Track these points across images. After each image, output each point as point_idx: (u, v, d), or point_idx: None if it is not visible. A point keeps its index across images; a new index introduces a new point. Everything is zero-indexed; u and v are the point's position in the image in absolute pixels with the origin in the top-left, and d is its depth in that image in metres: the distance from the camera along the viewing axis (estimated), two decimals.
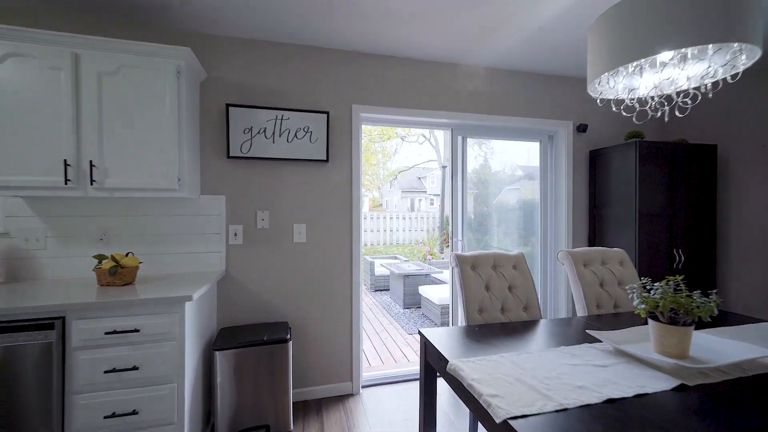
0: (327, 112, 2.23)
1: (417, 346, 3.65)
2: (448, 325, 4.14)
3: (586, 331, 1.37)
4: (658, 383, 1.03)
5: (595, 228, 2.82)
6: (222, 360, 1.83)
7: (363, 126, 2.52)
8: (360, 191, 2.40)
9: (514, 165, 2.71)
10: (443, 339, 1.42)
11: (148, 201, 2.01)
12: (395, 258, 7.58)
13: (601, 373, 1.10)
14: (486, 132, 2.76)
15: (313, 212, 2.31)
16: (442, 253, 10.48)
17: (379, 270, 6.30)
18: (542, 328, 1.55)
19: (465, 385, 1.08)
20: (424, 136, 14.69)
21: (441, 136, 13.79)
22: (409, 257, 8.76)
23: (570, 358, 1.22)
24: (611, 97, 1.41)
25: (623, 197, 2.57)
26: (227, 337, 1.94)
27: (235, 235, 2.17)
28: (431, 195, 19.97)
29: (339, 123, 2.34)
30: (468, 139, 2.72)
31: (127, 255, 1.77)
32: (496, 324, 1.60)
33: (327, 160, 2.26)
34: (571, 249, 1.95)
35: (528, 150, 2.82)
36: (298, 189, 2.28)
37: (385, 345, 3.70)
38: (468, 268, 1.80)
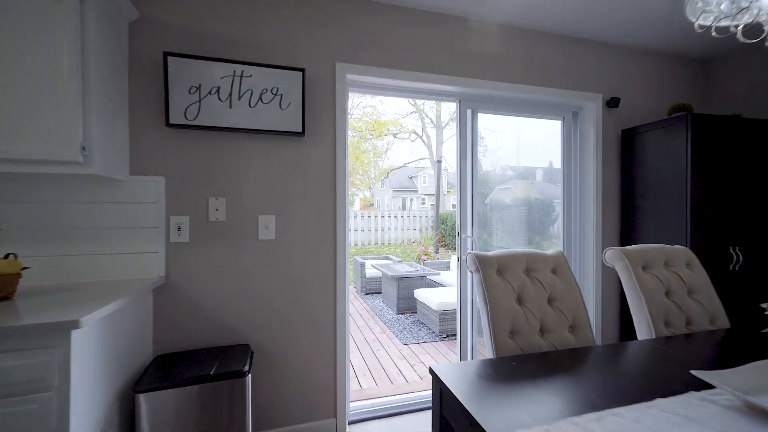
0: (302, 70, 1.71)
1: (413, 360, 3.16)
2: (454, 334, 3.64)
3: (691, 371, 0.88)
4: None
5: (630, 222, 2.36)
6: (148, 405, 1.30)
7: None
8: (346, 173, 1.88)
9: (505, 165, 2.54)
10: (468, 385, 0.92)
11: (51, 181, 1.46)
12: (387, 258, 7.08)
13: None
14: (500, 105, 2.27)
15: (284, 200, 1.79)
16: (437, 253, 10.02)
17: (371, 271, 5.81)
18: (606, 362, 1.07)
19: None
20: (416, 133, 14.21)
21: (434, 133, 13.35)
22: (402, 257, 8.27)
23: (686, 423, 0.74)
24: (719, 21, 0.94)
25: (668, 185, 2.11)
26: (161, 369, 1.41)
27: (179, 229, 1.64)
28: (423, 194, 19.54)
29: (318, 85, 1.82)
30: (478, 114, 2.23)
31: (6, 257, 1.23)
32: (535, 355, 1.11)
33: (303, 133, 1.74)
34: (624, 247, 1.48)
35: (519, 148, 2.53)
36: (265, 169, 1.75)
37: (378, 359, 3.20)
38: (493, 273, 1.30)
